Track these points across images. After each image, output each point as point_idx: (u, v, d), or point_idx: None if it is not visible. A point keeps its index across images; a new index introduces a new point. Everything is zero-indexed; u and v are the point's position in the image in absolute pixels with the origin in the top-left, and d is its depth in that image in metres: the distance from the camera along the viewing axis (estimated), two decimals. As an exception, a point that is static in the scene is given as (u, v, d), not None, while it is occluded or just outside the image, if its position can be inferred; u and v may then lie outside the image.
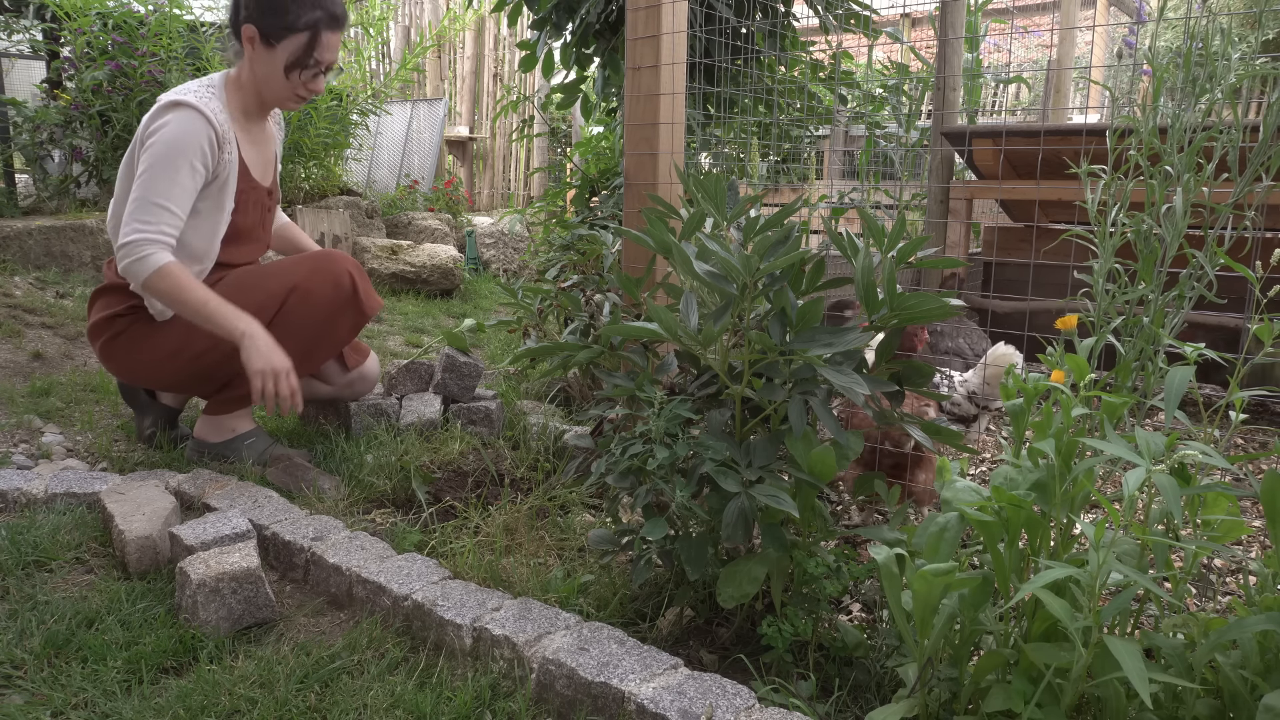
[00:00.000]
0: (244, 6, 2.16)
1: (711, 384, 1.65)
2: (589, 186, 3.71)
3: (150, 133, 2.10)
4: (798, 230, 1.50)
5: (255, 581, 1.63)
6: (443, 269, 5.11)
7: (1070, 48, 5.93)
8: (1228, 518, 1.21)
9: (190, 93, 2.14)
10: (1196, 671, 1.13)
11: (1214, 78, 1.47)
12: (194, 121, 2.10)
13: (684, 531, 1.56)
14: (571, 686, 1.35)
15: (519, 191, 8.66)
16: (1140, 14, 3.23)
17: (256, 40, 2.16)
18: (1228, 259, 1.44)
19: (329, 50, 2.21)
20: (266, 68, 2.19)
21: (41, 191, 4.31)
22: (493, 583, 1.70)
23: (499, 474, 2.25)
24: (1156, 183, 1.52)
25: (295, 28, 2.15)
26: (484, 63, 8.76)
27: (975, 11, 4.55)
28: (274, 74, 2.19)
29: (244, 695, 1.40)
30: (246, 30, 2.15)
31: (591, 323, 2.60)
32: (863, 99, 4.43)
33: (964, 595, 1.19)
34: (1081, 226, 1.65)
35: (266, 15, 2.13)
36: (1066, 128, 3.59)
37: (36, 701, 1.39)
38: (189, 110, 2.10)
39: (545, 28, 3.72)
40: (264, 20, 2.14)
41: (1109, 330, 1.51)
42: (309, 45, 2.17)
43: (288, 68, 2.18)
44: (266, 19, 2.14)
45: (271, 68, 2.18)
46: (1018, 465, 1.28)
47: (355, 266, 2.36)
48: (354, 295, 2.32)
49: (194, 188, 2.12)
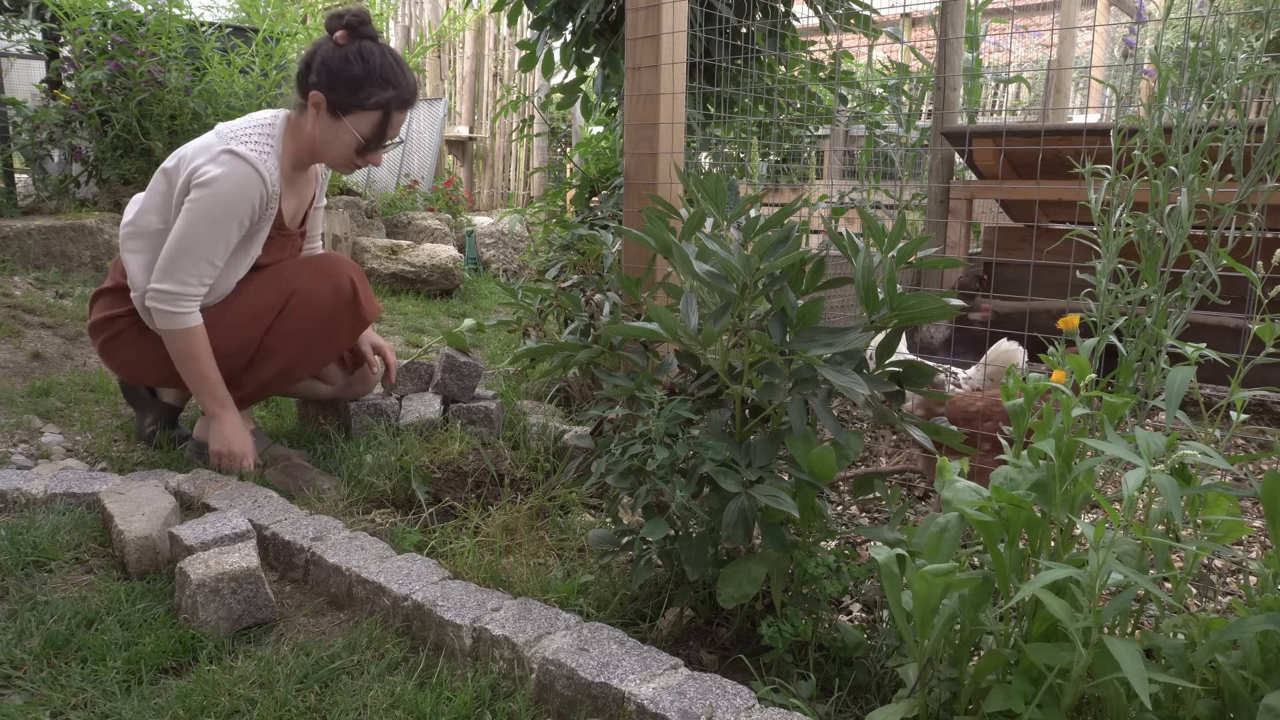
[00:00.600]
0: (315, 71, 2.11)
1: (711, 384, 1.65)
2: (589, 186, 3.71)
3: (204, 178, 2.04)
4: (798, 230, 1.50)
5: (255, 581, 1.63)
6: (442, 269, 5.11)
7: (1070, 48, 5.93)
8: (1228, 518, 1.21)
9: (251, 141, 2.09)
10: (1197, 672, 1.13)
11: (1219, 78, 1.47)
12: (249, 180, 2.06)
13: (684, 531, 1.56)
14: (571, 687, 1.35)
15: (519, 191, 8.66)
16: (1141, 14, 3.23)
17: (323, 108, 2.12)
18: (1230, 260, 1.44)
19: (396, 129, 2.19)
20: (328, 135, 2.15)
21: (41, 191, 4.31)
22: (493, 583, 1.70)
23: (499, 474, 2.25)
24: (1161, 183, 1.52)
25: (365, 106, 2.12)
26: (484, 62, 8.76)
27: (975, 11, 4.55)
28: (334, 142, 2.16)
29: (244, 695, 1.40)
30: (314, 96, 2.11)
31: (591, 323, 2.59)
32: (863, 99, 4.43)
33: (964, 595, 1.19)
34: (1083, 226, 1.64)
35: (338, 89, 2.10)
36: (1067, 128, 3.59)
37: (36, 702, 1.39)
38: (246, 167, 2.05)
39: (545, 27, 3.72)
40: (334, 92, 2.10)
41: (1111, 330, 1.51)
42: (380, 125, 2.15)
43: (357, 146, 2.16)
44: (338, 92, 2.10)
45: (333, 135, 2.15)
46: (1018, 465, 1.28)
47: (356, 271, 2.36)
48: (354, 300, 2.32)
49: (235, 241, 2.11)
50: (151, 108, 4.23)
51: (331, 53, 2.11)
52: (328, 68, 2.10)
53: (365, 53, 2.11)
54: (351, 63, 2.10)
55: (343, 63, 2.10)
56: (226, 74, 4.51)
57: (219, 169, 2.04)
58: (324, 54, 2.11)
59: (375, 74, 2.11)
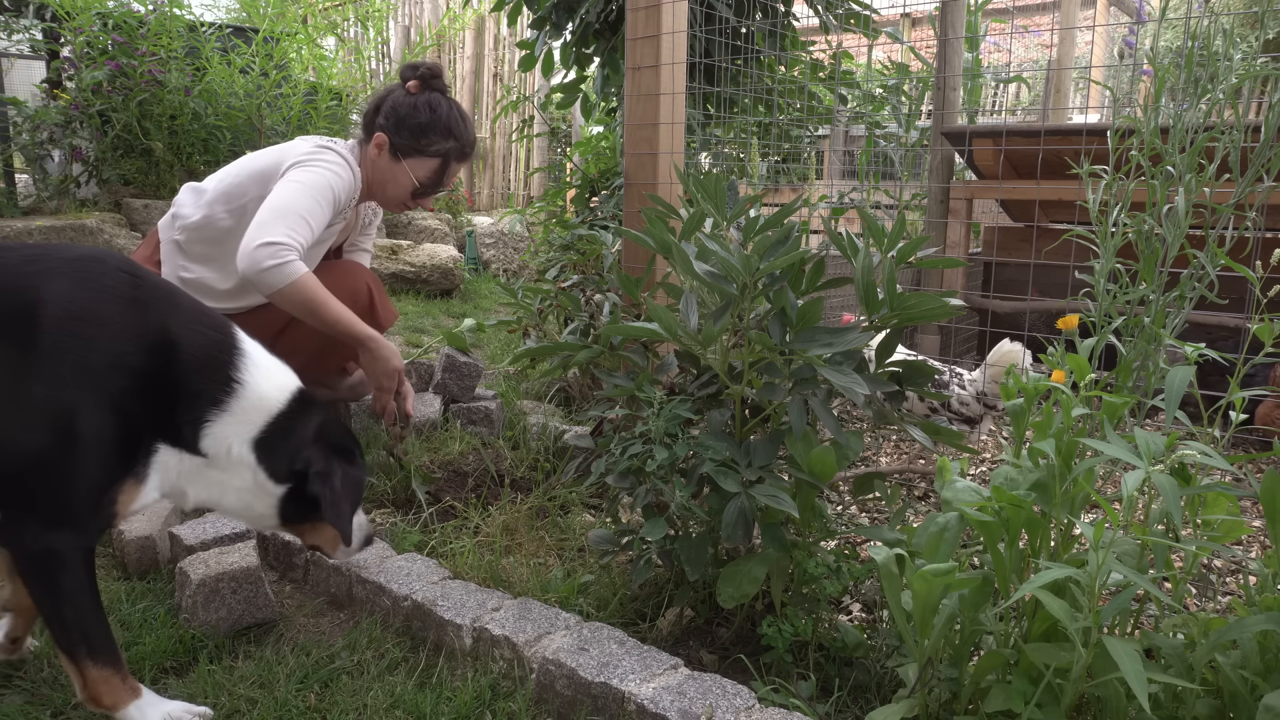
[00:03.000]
0: (384, 114, 2.20)
1: (711, 384, 1.65)
2: (589, 186, 3.71)
3: (309, 158, 2.09)
4: (797, 230, 1.50)
5: (255, 581, 1.63)
6: (443, 269, 5.12)
7: (1070, 48, 5.93)
8: (1228, 518, 1.21)
9: (346, 149, 2.18)
10: (1196, 671, 1.13)
11: (1215, 78, 1.47)
12: (347, 174, 2.13)
13: (684, 531, 1.56)
14: (571, 686, 1.35)
15: (519, 191, 8.66)
16: (1140, 14, 3.23)
17: (385, 149, 2.20)
18: (1228, 260, 1.44)
19: (453, 178, 2.28)
20: (386, 175, 2.23)
21: (41, 191, 4.31)
22: (493, 583, 1.70)
23: (499, 474, 2.25)
24: (1158, 183, 1.52)
25: (426, 152, 2.20)
26: (484, 63, 8.75)
27: (975, 11, 4.55)
28: (391, 183, 2.24)
29: (244, 695, 1.40)
30: (378, 137, 2.19)
31: (591, 323, 2.60)
32: (863, 99, 4.43)
33: (964, 595, 1.19)
34: (1082, 226, 1.65)
35: (403, 133, 2.18)
36: (1067, 128, 3.59)
37: (36, 701, 1.39)
38: (345, 165, 2.13)
39: (545, 27, 3.72)
40: (399, 136, 2.18)
41: (1110, 330, 1.51)
42: (438, 172, 2.24)
43: (414, 190, 2.23)
44: (402, 136, 2.18)
45: (391, 176, 2.22)
46: (1018, 465, 1.28)
47: (373, 279, 2.39)
48: (370, 307, 2.34)
49: (326, 222, 2.10)
50: (152, 108, 4.24)
51: (402, 99, 2.20)
52: (396, 112, 2.19)
53: (433, 103, 2.20)
54: (420, 110, 2.19)
55: (411, 109, 2.19)
56: (226, 74, 4.51)
57: (325, 155, 2.11)
58: (395, 99, 2.20)
59: (440, 124, 2.20)
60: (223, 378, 1.37)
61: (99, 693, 1.27)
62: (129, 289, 1.31)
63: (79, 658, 1.26)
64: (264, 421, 1.40)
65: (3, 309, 1.21)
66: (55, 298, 1.23)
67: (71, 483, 1.24)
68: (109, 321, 1.26)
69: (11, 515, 1.23)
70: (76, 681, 1.28)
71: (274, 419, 1.41)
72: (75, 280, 1.26)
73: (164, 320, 1.33)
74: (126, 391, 1.27)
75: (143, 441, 1.32)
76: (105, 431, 1.25)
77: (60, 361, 1.22)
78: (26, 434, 1.21)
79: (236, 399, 1.37)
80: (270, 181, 2.08)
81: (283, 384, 1.44)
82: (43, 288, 1.23)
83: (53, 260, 1.27)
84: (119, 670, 1.29)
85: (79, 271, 1.27)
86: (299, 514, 1.46)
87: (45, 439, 1.22)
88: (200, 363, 1.35)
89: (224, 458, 1.38)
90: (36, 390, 1.20)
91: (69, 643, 1.26)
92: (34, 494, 1.23)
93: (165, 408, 1.33)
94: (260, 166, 2.14)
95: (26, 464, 1.21)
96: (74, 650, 1.26)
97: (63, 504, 1.24)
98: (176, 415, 1.34)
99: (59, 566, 1.24)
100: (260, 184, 2.10)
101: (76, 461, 1.24)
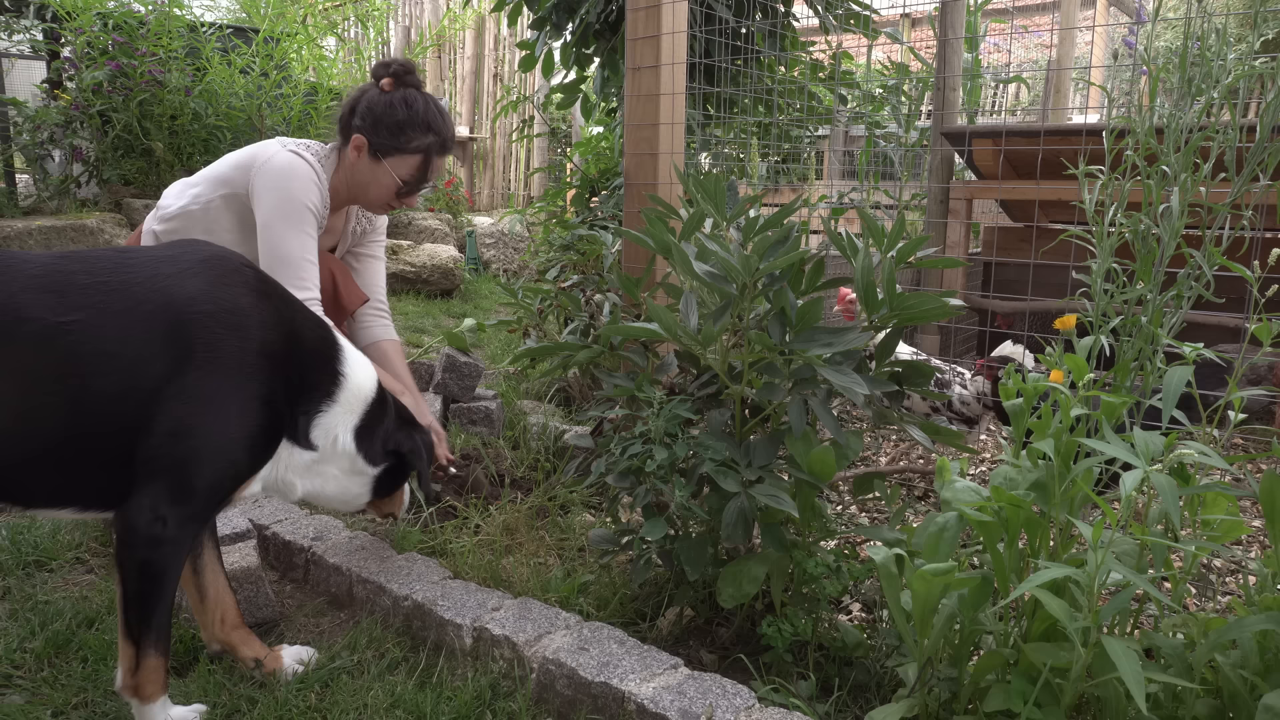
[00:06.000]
0: (359, 115, 2.15)
1: (711, 384, 1.65)
2: (589, 186, 3.71)
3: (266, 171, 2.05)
4: (797, 230, 1.50)
5: (255, 581, 1.63)
6: (443, 269, 5.12)
7: (1070, 48, 5.93)
8: (1227, 518, 1.21)
9: (310, 152, 2.13)
10: (1196, 671, 1.13)
11: (1210, 78, 1.47)
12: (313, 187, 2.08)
13: (684, 531, 1.56)
14: (572, 686, 1.35)
15: (519, 191, 8.66)
16: (1140, 14, 3.24)
17: (364, 151, 2.15)
18: (1224, 259, 1.44)
19: (435, 173, 2.24)
20: (367, 177, 2.18)
21: (42, 191, 4.31)
22: (493, 583, 1.70)
23: (499, 474, 2.25)
24: (1153, 183, 1.52)
25: (406, 150, 2.15)
26: (484, 63, 8.75)
27: (975, 11, 4.55)
28: (373, 184, 2.19)
29: (244, 695, 1.41)
30: (356, 139, 2.14)
31: (591, 323, 2.60)
32: (862, 99, 4.43)
33: (963, 595, 1.19)
34: (1080, 227, 1.65)
35: (380, 133, 2.14)
36: (1066, 128, 3.59)
37: (37, 701, 1.39)
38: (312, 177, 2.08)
39: (545, 28, 3.72)
40: (376, 136, 2.14)
41: (1107, 330, 1.51)
42: (421, 169, 2.19)
43: (397, 189, 2.19)
44: (380, 136, 2.14)
45: (372, 178, 2.18)
46: (1017, 465, 1.28)
47: (337, 265, 2.34)
48: (334, 294, 2.32)
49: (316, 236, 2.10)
50: (152, 108, 4.24)
51: (377, 98, 2.16)
52: (372, 112, 2.15)
53: (409, 99, 2.16)
54: (396, 108, 2.14)
55: (387, 108, 2.15)
56: (227, 74, 4.51)
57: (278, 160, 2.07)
58: (369, 99, 2.16)
59: (418, 119, 2.16)
60: (332, 371, 1.44)
61: (145, 681, 1.27)
62: (257, 283, 1.36)
63: (147, 644, 1.26)
64: (362, 410, 1.48)
65: (154, 309, 1.24)
66: (200, 295, 1.27)
67: (220, 470, 1.27)
68: (251, 312, 1.31)
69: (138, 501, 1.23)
70: (126, 667, 1.27)
71: (369, 408, 1.49)
72: (211, 278, 1.30)
73: (290, 313, 1.39)
74: (274, 380, 1.32)
75: (283, 429, 1.36)
76: (260, 419, 1.30)
77: (216, 351, 1.25)
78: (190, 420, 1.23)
79: (342, 390, 1.45)
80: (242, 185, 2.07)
81: (370, 373, 1.52)
82: (185, 286, 1.27)
83: (186, 261, 1.31)
84: (167, 664, 1.30)
85: (213, 270, 1.32)
86: (386, 489, 1.58)
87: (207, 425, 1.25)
88: (316, 355, 1.41)
89: (329, 448, 1.45)
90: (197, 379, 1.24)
91: (143, 629, 1.26)
92: (175, 480, 1.24)
93: (290, 399, 1.37)
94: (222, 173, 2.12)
95: (182, 450, 1.23)
96: (144, 636, 1.26)
97: (199, 491, 1.26)
98: (295, 407, 1.38)
99: (173, 554, 1.25)
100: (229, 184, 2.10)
101: (232, 448, 1.28)
